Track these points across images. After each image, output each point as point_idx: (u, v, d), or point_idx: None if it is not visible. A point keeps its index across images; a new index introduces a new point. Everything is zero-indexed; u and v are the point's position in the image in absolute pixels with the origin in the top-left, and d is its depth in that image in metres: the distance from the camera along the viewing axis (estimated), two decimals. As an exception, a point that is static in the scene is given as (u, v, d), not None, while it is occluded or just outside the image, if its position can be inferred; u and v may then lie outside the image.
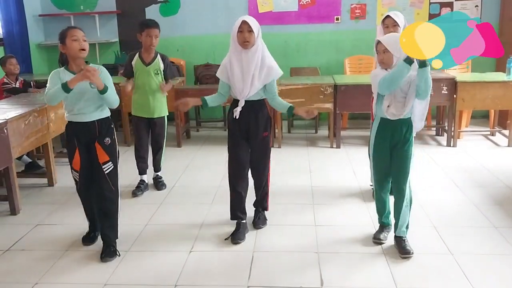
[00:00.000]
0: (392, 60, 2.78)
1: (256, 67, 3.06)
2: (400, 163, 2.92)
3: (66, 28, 2.93)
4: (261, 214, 3.42)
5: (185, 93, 5.39)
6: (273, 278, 2.72)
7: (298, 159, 4.96)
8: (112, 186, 3.03)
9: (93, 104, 2.94)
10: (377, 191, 3.09)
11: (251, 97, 3.10)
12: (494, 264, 2.81)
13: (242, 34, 3.01)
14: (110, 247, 3.03)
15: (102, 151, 2.98)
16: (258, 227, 3.34)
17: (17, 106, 4.13)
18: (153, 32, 3.88)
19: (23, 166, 4.60)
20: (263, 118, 3.17)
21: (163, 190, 4.16)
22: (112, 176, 3.02)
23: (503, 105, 5.12)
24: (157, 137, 4.16)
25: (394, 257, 2.91)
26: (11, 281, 2.77)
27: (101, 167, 2.99)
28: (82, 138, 2.98)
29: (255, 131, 3.16)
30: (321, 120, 6.28)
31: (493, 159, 4.77)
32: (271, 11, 6.48)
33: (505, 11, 6.13)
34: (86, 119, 2.95)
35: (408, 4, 6.32)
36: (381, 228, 3.15)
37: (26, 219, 3.64)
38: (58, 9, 6.74)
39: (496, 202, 3.70)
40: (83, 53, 2.87)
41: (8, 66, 4.79)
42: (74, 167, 3.05)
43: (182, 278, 2.75)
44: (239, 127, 3.16)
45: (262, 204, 3.43)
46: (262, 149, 3.24)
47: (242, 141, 3.20)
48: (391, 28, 3.48)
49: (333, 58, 6.54)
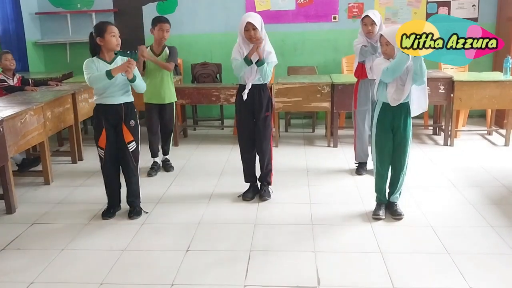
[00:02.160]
0: (394, 51, 3.11)
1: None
2: (401, 143, 3.32)
3: (104, 23, 3.36)
4: (266, 187, 3.87)
5: (182, 91, 5.38)
6: (270, 277, 2.72)
7: (295, 158, 4.95)
8: (134, 163, 3.51)
9: (121, 89, 3.39)
10: (379, 169, 3.43)
11: (255, 81, 3.60)
12: (490, 263, 2.82)
13: (248, 32, 3.47)
14: (136, 208, 3.57)
15: (128, 131, 3.44)
16: (264, 199, 3.80)
17: (13, 104, 4.11)
18: (165, 27, 4.32)
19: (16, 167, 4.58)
20: (266, 100, 3.68)
21: (171, 171, 4.58)
22: (135, 153, 3.50)
23: (500, 105, 5.13)
24: (168, 122, 4.56)
25: (391, 255, 2.91)
26: (7, 280, 2.76)
27: (126, 146, 3.44)
28: (111, 118, 3.40)
29: (259, 111, 3.67)
30: (318, 119, 6.28)
31: (490, 159, 4.78)
32: (269, 10, 6.47)
33: (502, 10, 6.14)
34: (115, 101, 3.39)
35: (405, 3, 6.32)
36: (379, 206, 3.47)
37: (22, 217, 3.63)
38: (55, 7, 6.71)
39: (493, 202, 3.71)
40: (118, 47, 3.36)
41: (4, 61, 4.76)
42: (100, 145, 3.44)
43: (179, 276, 2.74)
44: (246, 107, 3.67)
45: (266, 179, 3.87)
46: (265, 128, 3.72)
47: (249, 120, 3.71)
48: (369, 26, 3.99)
49: (330, 57, 6.53)
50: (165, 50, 4.42)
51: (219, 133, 6.14)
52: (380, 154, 3.40)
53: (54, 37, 6.72)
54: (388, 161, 3.40)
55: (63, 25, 6.65)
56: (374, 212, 3.46)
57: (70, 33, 6.64)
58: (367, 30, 4.01)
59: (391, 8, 6.34)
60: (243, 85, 3.64)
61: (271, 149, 3.82)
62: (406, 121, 3.29)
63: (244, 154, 3.85)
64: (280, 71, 6.33)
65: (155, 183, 4.30)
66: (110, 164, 3.49)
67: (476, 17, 6.24)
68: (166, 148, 4.68)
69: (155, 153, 4.59)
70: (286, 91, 5.21)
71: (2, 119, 3.58)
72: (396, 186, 3.43)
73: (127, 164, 3.49)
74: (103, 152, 3.44)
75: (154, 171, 4.50)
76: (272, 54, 3.62)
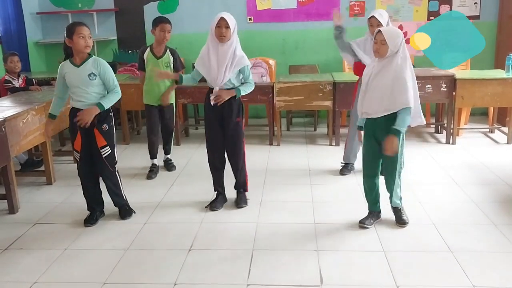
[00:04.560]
0: (386, 51, 2.98)
1: (230, 59, 3.36)
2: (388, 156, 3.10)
3: (74, 24, 3.24)
4: (242, 195, 3.72)
5: (184, 91, 5.37)
6: (272, 276, 2.72)
7: (297, 157, 4.95)
8: (110, 168, 3.40)
9: (93, 93, 3.24)
10: (364, 178, 3.28)
11: (224, 85, 3.41)
12: (493, 261, 2.81)
13: (219, 29, 3.32)
14: (124, 207, 3.53)
15: (100, 136, 3.31)
16: (240, 206, 3.65)
17: (15, 104, 4.12)
18: (166, 27, 4.24)
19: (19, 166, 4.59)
20: (235, 105, 3.49)
21: (173, 170, 4.56)
22: (109, 159, 3.38)
23: (502, 102, 5.11)
24: (168, 122, 4.51)
25: (394, 254, 2.91)
26: (10, 280, 2.76)
27: (99, 151, 3.32)
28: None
29: (229, 117, 3.48)
30: (320, 118, 6.27)
31: (492, 157, 4.77)
32: (270, 8, 6.46)
33: (504, 8, 6.12)
34: (85, 106, 3.24)
35: (407, 1, 6.31)
36: (369, 214, 3.32)
37: (25, 217, 3.63)
38: (56, 7, 6.71)
39: (495, 200, 3.70)
40: (87, 49, 3.21)
41: (9, 64, 4.79)
42: (75, 148, 3.36)
43: (182, 276, 2.74)
44: (214, 113, 3.48)
45: (242, 186, 3.73)
46: (236, 134, 3.54)
47: (217, 127, 3.52)
48: (375, 27, 3.72)
49: (332, 55, 6.51)
50: (167, 53, 4.35)
51: (221, 132, 6.13)
52: (363, 162, 3.27)
53: (55, 36, 6.71)
54: (372, 171, 3.23)
55: (64, 25, 6.44)
56: (361, 220, 3.29)
57: (71, 32, 6.64)
58: (372, 31, 3.82)
59: (393, 6, 6.32)
60: (211, 88, 3.46)
61: (244, 155, 3.64)
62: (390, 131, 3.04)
63: (212, 162, 3.65)
64: (282, 69, 6.33)
65: (157, 183, 4.30)
66: (86, 167, 3.39)
67: (478, 14, 6.23)
68: (168, 148, 4.66)
69: (154, 155, 4.54)
70: (287, 90, 5.21)
71: (4, 119, 3.58)
72: (392, 190, 3.23)
73: (102, 169, 3.38)
74: (78, 155, 3.36)
75: (153, 174, 4.44)
76: (244, 58, 3.42)
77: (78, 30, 3.15)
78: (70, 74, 3.23)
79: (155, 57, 4.31)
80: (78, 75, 3.22)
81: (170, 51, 4.37)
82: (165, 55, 4.33)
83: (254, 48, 6.34)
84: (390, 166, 3.18)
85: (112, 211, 3.60)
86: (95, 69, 3.23)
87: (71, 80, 3.24)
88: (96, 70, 3.23)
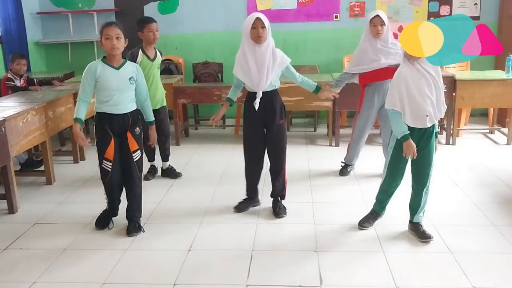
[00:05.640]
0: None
1: (270, 60, 3.26)
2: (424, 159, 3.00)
3: (104, 24, 3.08)
4: (280, 203, 3.55)
5: (184, 91, 5.38)
6: (272, 276, 2.72)
7: (297, 158, 4.94)
8: (138, 172, 3.26)
9: (128, 97, 3.16)
10: (387, 182, 3.19)
11: (266, 88, 3.30)
12: (493, 262, 2.81)
13: (256, 30, 3.19)
14: (136, 223, 3.28)
15: (133, 140, 3.19)
16: (280, 216, 3.47)
17: (15, 104, 4.11)
18: (153, 27, 4.08)
19: (19, 166, 4.59)
20: (279, 107, 3.39)
21: (180, 177, 4.40)
22: (139, 163, 3.26)
23: (502, 103, 5.12)
24: (163, 125, 4.35)
25: (394, 255, 2.91)
26: (9, 280, 2.76)
27: (131, 155, 3.19)
28: (117, 128, 3.14)
29: (272, 119, 3.37)
30: (320, 118, 6.27)
31: (492, 157, 4.77)
32: (270, 9, 6.46)
33: (504, 9, 6.12)
34: (120, 111, 3.14)
35: (407, 1, 6.31)
36: (370, 215, 3.30)
37: (25, 217, 3.63)
38: (56, 7, 6.71)
39: (495, 201, 3.70)
40: (114, 51, 3.04)
41: (16, 65, 4.80)
42: (107, 157, 3.15)
43: (181, 276, 2.74)
44: (257, 116, 3.34)
45: (281, 193, 3.57)
46: (280, 135, 3.42)
47: (260, 131, 3.41)
48: (378, 26, 3.80)
49: (332, 56, 6.53)
50: (158, 54, 4.23)
51: (221, 132, 6.13)
52: (393, 165, 3.10)
53: (56, 37, 6.72)
54: (400, 178, 3.13)
55: (65, 25, 6.66)
56: (361, 221, 3.25)
57: (72, 33, 6.64)
58: (376, 30, 3.80)
59: (393, 7, 6.32)
60: (252, 92, 3.34)
61: (285, 161, 3.50)
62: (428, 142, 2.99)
63: (251, 166, 3.51)
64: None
65: (157, 183, 4.30)
66: (117, 177, 3.21)
67: (478, 15, 6.23)
68: (167, 154, 4.46)
69: (151, 157, 4.43)
70: (287, 90, 5.20)
71: (4, 119, 3.58)
72: (419, 204, 3.09)
73: (131, 175, 3.21)
74: (110, 164, 3.15)
75: (151, 175, 4.38)
76: (285, 56, 3.35)
77: (105, 31, 3.02)
78: (109, 77, 3.08)
79: (149, 59, 4.14)
80: (119, 78, 3.10)
81: (160, 53, 4.28)
82: (158, 57, 4.23)
83: (254, 49, 6.35)
84: (422, 178, 3.02)
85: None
86: (134, 73, 3.16)
87: (109, 84, 3.08)
88: (135, 75, 3.17)
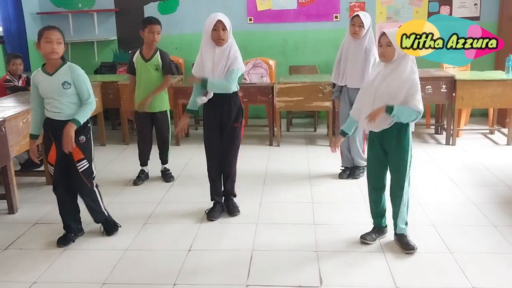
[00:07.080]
0: (393, 54, 2.74)
1: (224, 61, 3.25)
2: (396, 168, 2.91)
3: (44, 27, 2.98)
4: (232, 201, 3.58)
5: (184, 91, 5.38)
6: (272, 277, 2.72)
7: (297, 158, 4.95)
8: (87, 183, 3.11)
9: (69, 103, 2.97)
10: (369, 193, 3.08)
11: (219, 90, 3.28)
12: (493, 262, 2.82)
13: (216, 32, 3.20)
14: (108, 223, 3.25)
15: (77, 149, 3.00)
16: (234, 214, 3.52)
17: (15, 104, 4.12)
18: (155, 29, 4.03)
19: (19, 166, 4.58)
20: (235, 109, 3.35)
21: (171, 182, 4.31)
22: (86, 173, 3.09)
23: (502, 104, 5.12)
24: (161, 130, 4.29)
25: (393, 255, 2.91)
26: (9, 280, 2.76)
27: (75, 164, 3.04)
28: (59, 134, 2.95)
29: (227, 121, 3.35)
30: (320, 119, 6.27)
31: (492, 158, 4.77)
32: (270, 9, 6.46)
33: (504, 10, 6.12)
34: (64, 117, 2.97)
35: (407, 2, 6.31)
36: (372, 230, 3.12)
37: (24, 217, 3.63)
38: (56, 7, 6.71)
39: (495, 201, 3.70)
40: (53, 55, 2.91)
41: (11, 66, 4.80)
42: (49, 161, 3.09)
43: (181, 276, 2.74)
44: (212, 119, 3.36)
45: (232, 192, 3.58)
46: (232, 139, 3.40)
47: (216, 133, 3.39)
48: (356, 27, 3.83)
49: (332, 56, 6.43)
50: (156, 55, 4.11)
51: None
52: (368, 174, 3.04)
53: (56, 37, 6.72)
54: (379, 183, 3.00)
55: (65, 25, 6.64)
56: (363, 235, 3.07)
57: (72, 33, 6.64)
58: (353, 30, 3.84)
59: (393, 7, 6.32)
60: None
61: (236, 160, 3.50)
62: (400, 142, 2.84)
63: (212, 171, 3.49)
64: (282, 70, 6.33)
65: (157, 183, 4.30)
66: (61, 182, 3.10)
67: (478, 16, 6.23)
68: (164, 157, 4.40)
69: (143, 163, 4.36)
70: (287, 91, 5.21)
71: (4, 119, 3.58)
72: (397, 216, 2.97)
73: (79, 185, 3.10)
74: (52, 168, 3.07)
75: (140, 180, 4.27)
76: (238, 60, 3.26)
77: (45, 34, 2.90)
78: (43, 83, 2.95)
79: (143, 59, 4.09)
80: (51, 85, 2.94)
81: (161, 54, 4.14)
82: (154, 58, 4.11)
83: (254, 49, 6.35)
84: (396, 181, 2.92)
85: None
86: (69, 77, 2.95)
87: (44, 90, 2.96)
88: (70, 78, 2.95)
